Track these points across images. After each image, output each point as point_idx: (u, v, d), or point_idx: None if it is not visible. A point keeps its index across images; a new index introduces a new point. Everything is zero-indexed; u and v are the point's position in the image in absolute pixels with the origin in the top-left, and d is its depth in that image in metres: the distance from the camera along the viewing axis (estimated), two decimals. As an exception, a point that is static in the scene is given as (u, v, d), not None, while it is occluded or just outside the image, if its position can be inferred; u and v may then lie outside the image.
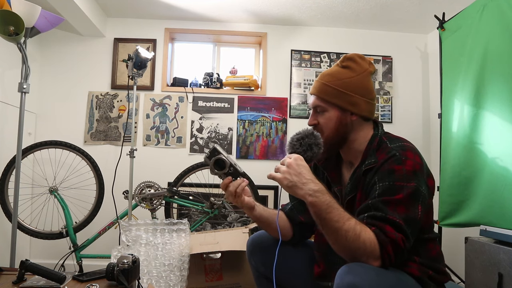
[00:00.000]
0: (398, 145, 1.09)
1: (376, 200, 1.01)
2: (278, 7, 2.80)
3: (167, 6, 2.82)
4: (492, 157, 1.88)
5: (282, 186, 1.01)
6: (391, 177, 1.02)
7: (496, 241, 1.68)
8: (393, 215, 0.97)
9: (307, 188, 0.98)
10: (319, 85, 1.18)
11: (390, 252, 0.94)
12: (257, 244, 1.32)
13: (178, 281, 1.88)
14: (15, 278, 1.38)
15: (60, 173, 2.54)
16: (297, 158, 1.03)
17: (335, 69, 1.19)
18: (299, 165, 1.01)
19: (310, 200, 0.97)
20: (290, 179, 1.00)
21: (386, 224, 0.96)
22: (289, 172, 1.00)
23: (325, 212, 0.96)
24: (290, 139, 1.11)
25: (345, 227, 0.94)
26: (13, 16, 1.86)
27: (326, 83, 1.16)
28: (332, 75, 1.17)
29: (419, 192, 1.01)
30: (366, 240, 0.93)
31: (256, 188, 2.49)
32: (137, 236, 1.96)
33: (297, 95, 3.06)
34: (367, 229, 0.95)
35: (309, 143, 1.07)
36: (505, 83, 1.82)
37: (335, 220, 0.95)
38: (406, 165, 1.02)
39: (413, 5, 2.67)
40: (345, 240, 0.94)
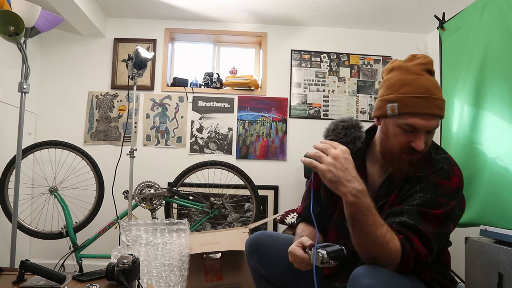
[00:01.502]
0: (444, 157, 1.06)
1: (412, 208, 0.98)
2: (278, 7, 2.80)
3: (167, 6, 2.82)
4: (492, 157, 1.88)
5: (324, 179, 0.94)
6: (435, 191, 0.99)
7: (496, 241, 1.68)
8: (425, 227, 0.95)
9: (351, 186, 0.91)
10: (440, 102, 1.01)
11: (410, 263, 0.93)
12: (256, 244, 1.29)
13: (178, 281, 1.88)
14: (15, 278, 1.38)
15: (60, 173, 2.54)
16: (344, 151, 0.95)
17: (433, 78, 1.05)
18: (346, 159, 0.93)
19: (352, 200, 0.92)
20: (336, 173, 0.91)
21: (415, 235, 0.94)
22: (335, 165, 0.92)
23: (363, 214, 0.92)
24: (333, 125, 1.03)
25: (377, 233, 0.91)
26: (13, 16, 1.86)
27: (442, 97, 1.02)
28: (438, 88, 1.03)
29: (455, 211, 1.00)
30: (392, 249, 0.92)
31: (256, 188, 2.49)
32: (137, 236, 1.96)
33: (297, 95, 3.05)
34: (395, 238, 0.93)
35: (355, 135, 1.00)
36: (505, 83, 1.82)
37: (369, 224, 0.92)
38: (451, 181, 1.00)
39: (413, 5, 2.67)
40: (372, 245, 0.92)
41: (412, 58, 1.08)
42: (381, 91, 1.08)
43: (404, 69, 1.05)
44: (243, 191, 2.56)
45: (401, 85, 1.02)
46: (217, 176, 2.63)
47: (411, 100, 0.99)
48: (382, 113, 1.05)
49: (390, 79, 1.06)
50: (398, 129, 1.02)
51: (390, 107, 1.02)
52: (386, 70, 1.12)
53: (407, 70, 1.04)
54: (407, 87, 1.01)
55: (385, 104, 1.04)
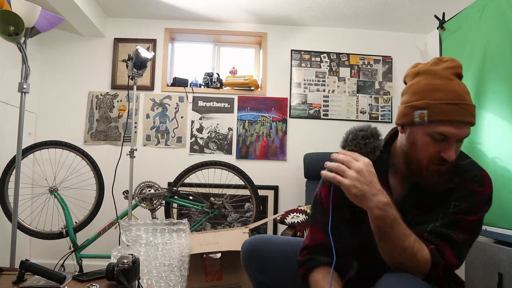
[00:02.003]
0: (470, 161, 1.03)
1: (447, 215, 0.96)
2: (278, 7, 2.80)
3: (167, 6, 2.82)
4: (492, 157, 1.89)
5: (348, 194, 0.91)
6: (472, 199, 0.97)
7: (496, 241, 1.68)
8: (458, 235, 0.94)
9: (377, 200, 0.89)
10: (472, 108, 0.94)
11: (440, 273, 0.92)
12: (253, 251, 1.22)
13: (178, 281, 1.88)
14: (15, 278, 1.38)
15: (60, 173, 2.54)
16: (367, 163, 0.92)
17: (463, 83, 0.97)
18: (370, 172, 0.90)
19: (378, 213, 0.89)
20: (360, 188, 0.89)
21: (447, 245, 0.93)
22: (359, 179, 0.89)
23: (389, 226, 0.90)
24: (352, 134, 0.99)
25: (405, 244, 0.90)
26: (13, 16, 1.86)
27: (473, 103, 0.95)
28: (468, 93, 0.96)
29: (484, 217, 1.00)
30: (421, 259, 0.91)
31: (256, 188, 2.49)
32: (137, 236, 1.96)
33: (297, 95, 3.05)
34: (424, 248, 0.92)
35: (374, 145, 0.97)
36: (505, 83, 1.82)
37: (396, 236, 0.90)
38: (486, 187, 0.98)
39: (413, 5, 2.67)
40: (400, 256, 0.92)
41: (438, 61, 0.99)
42: (406, 97, 1.00)
43: (432, 73, 0.96)
44: (243, 191, 2.56)
45: (430, 90, 0.94)
46: (217, 176, 2.62)
47: (443, 106, 0.91)
48: (409, 121, 0.97)
49: (417, 84, 0.98)
50: (428, 138, 0.95)
51: (419, 115, 0.95)
52: (411, 75, 1.03)
53: (435, 74, 0.96)
54: (437, 92, 0.93)
55: (413, 111, 0.96)
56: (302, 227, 2.13)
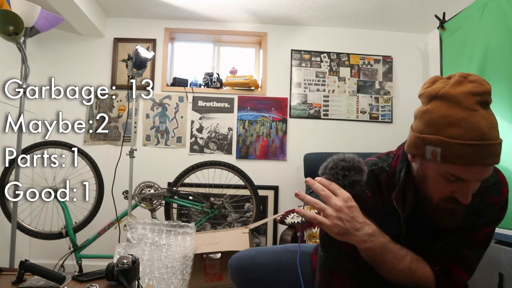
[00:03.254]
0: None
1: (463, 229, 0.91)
2: (278, 7, 2.80)
3: (167, 6, 2.81)
4: (492, 157, 1.88)
5: (331, 234, 0.84)
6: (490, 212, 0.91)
7: (496, 241, 1.68)
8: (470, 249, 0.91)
9: (361, 233, 0.83)
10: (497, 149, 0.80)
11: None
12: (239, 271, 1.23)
13: (179, 284, 1.87)
14: (15, 278, 1.37)
15: (60, 173, 2.54)
16: (347, 199, 0.83)
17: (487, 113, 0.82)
18: (351, 208, 0.82)
19: (365, 246, 0.84)
20: (343, 226, 0.81)
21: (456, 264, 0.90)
22: (340, 218, 0.81)
23: (379, 255, 0.87)
24: (333, 163, 0.88)
25: (400, 267, 0.88)
26: (12, 15, 1.86)
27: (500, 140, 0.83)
28: (496, 127, 0.83)
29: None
30: (421, 279, 0.89)
31: (256, 188, 2.48)
32: (142, 235, 1.95)
33: (297, 95, 3.05)
34: (425, 267, 0.90)
35: (354, 179, 0.86)
36: (506, 82, 1.81)
37: (389, 262, 0.88)
38: (503, 194, 0.92)
39: (414, 5, 2.67)
40: (397, 278, 0.90)
41: (462, 80, 0.80)
42: (419, 124, 0.84)
43: (452, 101, 0.78)
44: (243, 191, 2.56)
45: (447, 124, 0.78)
46: (217, 176, 2.62)
47: (460, 148, 0.76)
48: (419, 154, 0.85)
49: (432, 112, 0.81)
50: (440, 177, 0.83)
51: (431, 152, 0.80)
52: (426, 97, 0.84)
53: (456, 103, 0.78)
54: (455, 128, 0.77)
55: (424, 145, 0.82)
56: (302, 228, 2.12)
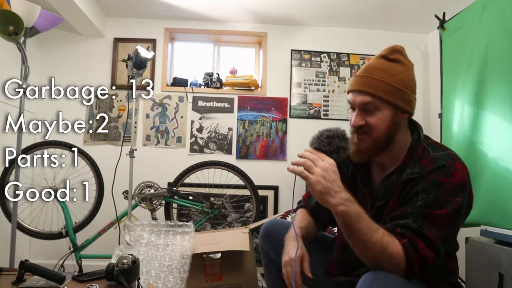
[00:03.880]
0: (444, 153, 1.02)
1: (417, 210, 0.95)
2: (278, 7, 2.80)
3: (167, 6, 2.81)
4: (492, 157, 1.88)
5: (313, 190, 0.93)
6: (438, 189, 0.96)
7: (496, 241, 1.68)
8: (430, 231, 0.93)
9: (339, 197, 0.92)
10: (373, 81, 1.02)
11: (415, 268, 0.91)
12: (270, 230, 1.35)
13: (176, 282, 1.86)
14: (15, 278, 1.37)
15: (60, 173, 2.53)
16: (332, 164, 0.95)
17: (384, 62, 1.05)
18: (334, 172, 0.93)
19: (341, 209, 0.92)
20: (325, 185, 0.91)
21: (420, 239, 0.92)
22: (324, 177, 0.92)
23: (354, 222, 0.92)
24: (319, 133, 1.01)
25: (373, 239, 0.91)
26: (12, 15, 1.86)
27: (382, 79, 1.02)
28: (385, 70, 1.03)
29: (462, 208, 0.98)
30: (393, 254, 0.91)
31: (256, 188, 2.48)
32: (139, 236, 1.95)
33: (297, 95, 3.05)
34: (395, 242, 0.92)
35: (338, 145, 0.98)
36: (506, 83, 1.81)
37: (363, 232, 0.91)
38: (454, 177, 0.96)
39: (414, 5, 2.67)
40: (371, 252, 0.92)
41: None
42: None
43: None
44: (243, 191, 2.56)
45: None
46: (217, 176, 2.62)
47: (352, 79, 1.09)
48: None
49: None
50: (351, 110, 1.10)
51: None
52: None
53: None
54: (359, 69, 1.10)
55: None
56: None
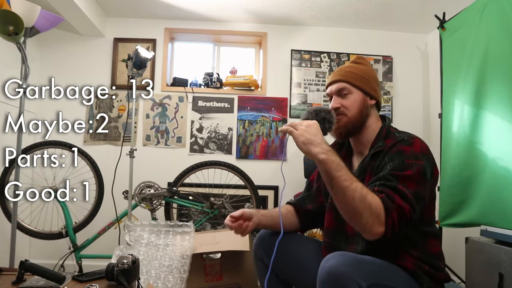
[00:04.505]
0: (405, 134, 1.19)
1: (387, 173, 1.06)
2: (278, 7, 2.80)
3: (167, 6, 2.81)
4: (492, 157, 1.88)
5: (297, 142, 1.06)
6: (400, 156, 1.08)
7: (496, 241, 1.68)
8: (403, 187, 1.02)
9: (321, 146, 1.04)
10: (344, 72, 1.28)
11: (395, 218, 0.97)
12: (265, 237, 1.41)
13: (176, 282, 1.86)
14: (15, 278, 1.38)
15: (60, 173, 2.53)
16: (315, 123, 1.10)
17: (351, 64, 1.32)
18: (316, 129, 1.08)
19: (323, 157, 1.02)
20: (308, 136, 1.05)
21: (395, 193, 1.01)
22: (307, 131, 1.06)
23: (335, 170, 1.01)
24: (307, 110, 1.20)
25: (353, 186, 0.98)
26: (12, 15, 1.86)
27: (351, 70, 1.28)
28: (352, 67, 1.29)
29: (427, 171, 1.07)
30: (372, 203, 0.97)
31: (256, 188, 2.48)
32: (139, 236, 1.95)
33: (297, 95, 3.05)
34: (374, 194, 1.00)
35: (323, 116, 1.14)
36: (506, 83, 1.81)
37: (343, 179, 1.00)
38: (414, 146, 1.10)
39: (413, 5, 2.67)
40: (352, 200, 0.98)
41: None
42: None
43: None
44: (243, 191, 2.56)
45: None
46: (217, 176, 2.62)
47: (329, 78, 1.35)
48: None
49: None
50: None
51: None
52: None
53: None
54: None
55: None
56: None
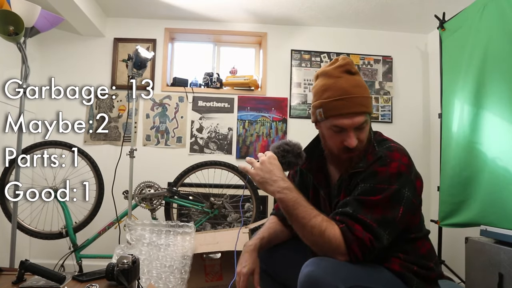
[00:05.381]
0: (385, 147, 1.10)
1: (352, 198, 1.04)
2: (278, 7, 2.80)
3: (167, 6, 2.81)
4: (492, 157, 1.88)
5: (254, 181, 1.08)
6: (374, 178, 1.03)
7: (496, 241, 1.68)
8: (365, 215, 0.99)
9: (277, 185, 1.04)
10: (361, 99, 1.07)
11: (355, 250, 0.97)
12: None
13: (177, 283, 1.87)
14: (15, 278, 1.38)
15: (60, 173, 2.54)
16: (270, 156, 1.09)
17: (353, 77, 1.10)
18: (271, 164, 1.07)
19: (278, 196, 1.04)
20: (262, 175, 1.06)
21: (356, 223, 0.99)
22: (262, 169, 1.07)
23: (292, 208, 1.02)
24: (279, 144, 1.14)
25: (311, 223, 0.99)
26: (12, 16, 1.86)
27: (364, 95, 1.09)
28: (359, 86, 1.09)
29: (401, 194, 1.02)
30: (331, 237, 0.97)
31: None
32: (140, 235, 1.95)
33: (297, 95, 3.05)
34: (334, 226, 0.99)
35: (290, 160, 1.11)
36: (505, 83, 1.81)
37: (301, 217, 1.01)
38: (390, 167, 1.03)
39: (413, 5, 2.67)
40: (311, 236, 1.00)
41: (333, 61, 1.14)
42: (312, 98, 1.17)
43: (326, 75, 1.12)
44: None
45: (323, 90, 1.10)
46: (217, 176, 2.62)
47: (333, 103, 1.07)
48: (315, 119, 1.15)
49: (316, 86, 1.15)
50: (330, 131, 1.11)
51: (318, 113, 1.11)
52: (314, 77, 1.18)
53: (328, 75, 1.11)
54: (328, 91, 1.08)
55: (315, 111, 1.13)
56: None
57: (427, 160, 3.01)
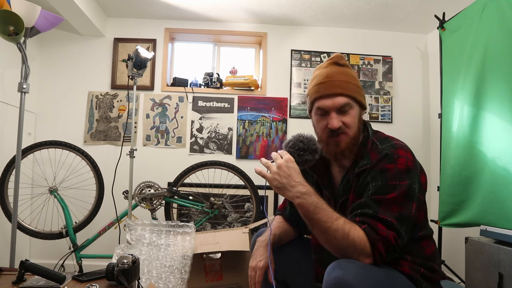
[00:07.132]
0: (389, 144, 1.11)
1: (368, 199, 1.03)
2: (278, 7, 2.80)
3: (167, 6, 2.82)
4: (492, 157, 1.88)
5: (272, 186, 1.05)
6: (384, 176, 1.04)
7: (496, 241, 1.68)
8: (385, 213, 0.99)
9: (295, 190, 1.01)
10: (342, 83, 1.13)
11: (381, 249, 0.96)
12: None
13: (177, 283, 1.87)
14: (15, 278, 1.38)
15: (60, 173, 2.54)
16: (288, 159, 1.05)
17: (339, 68, 1.17)
18: (289, 168, 1.04)
19: (298, 202, 1.01)
20: (280, 180, 1.03)
21: (378, 222, 0.98)
22: (279, 173, 1.04)
23: (313, 213, 0.99)
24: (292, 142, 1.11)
25: (334, 226, 0.97)
26: (13, 16, 1.86)
27: (348, 80, 1.14)
28: (344, 74, 1.15)
29: (412, 190, 1.03)
30: (356, 239, 0.96)
31: (256, 188, 2.49)
32: (140, 235, 1.95)
33: (297, 95, 3.05)
34: (357, 228, 0.98)
35: (306, 158, 1.10)
36: (505, 83, 1.81)
37: (323, 221, 0.98)
38: (398, 163, 1.04)
39: (413, 5, 2.67)
40: (334, 239, 0.97)
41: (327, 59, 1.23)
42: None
43: (317, 69, 1.21)
44: (243, 191, 2.56)
45: (311, 80, 1.20)
46: (217, 176, 2.62)
47: (315, 88, 1.16)
48: (308, 109, 1.23)
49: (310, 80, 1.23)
50: (316, 116, 1.17)
51: (308, 101, 1.21)
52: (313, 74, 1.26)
53: (319, 68, 1.21)
54: (314, 80, 1.18)
55: (308, 99, 1.21)
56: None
57: (427, 160, 3.01)
